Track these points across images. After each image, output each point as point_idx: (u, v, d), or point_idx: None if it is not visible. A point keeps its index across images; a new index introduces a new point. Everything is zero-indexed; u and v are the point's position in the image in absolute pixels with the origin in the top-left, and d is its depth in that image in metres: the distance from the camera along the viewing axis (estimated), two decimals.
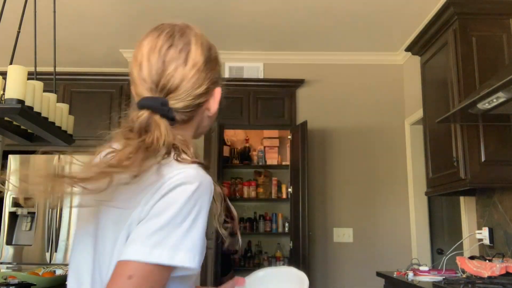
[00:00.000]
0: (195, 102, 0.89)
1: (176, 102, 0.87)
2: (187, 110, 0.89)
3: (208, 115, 0.95)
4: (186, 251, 0.77)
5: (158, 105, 0.85)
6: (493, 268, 2.28)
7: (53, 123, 2.47)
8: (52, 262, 3.80)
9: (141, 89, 0.88)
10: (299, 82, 4.42)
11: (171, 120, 0.86)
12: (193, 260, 0.78)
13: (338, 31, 3.97)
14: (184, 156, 0.85)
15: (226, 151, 4.92)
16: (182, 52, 0.88)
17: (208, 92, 0.91)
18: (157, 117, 0.85)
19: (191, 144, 0.88)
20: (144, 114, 0.85)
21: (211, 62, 0.92)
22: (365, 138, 4.36)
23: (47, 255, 3.84)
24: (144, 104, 0.86)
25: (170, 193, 0.79)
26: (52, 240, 3.85)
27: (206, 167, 0.86)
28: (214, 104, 0.94)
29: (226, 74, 4.47)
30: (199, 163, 0.85)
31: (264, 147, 5.06)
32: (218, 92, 0.94)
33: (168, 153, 0.84)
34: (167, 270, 0.77)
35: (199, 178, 0.81)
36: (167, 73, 0.86)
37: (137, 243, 0.76)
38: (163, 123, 0.84)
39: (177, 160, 0.84)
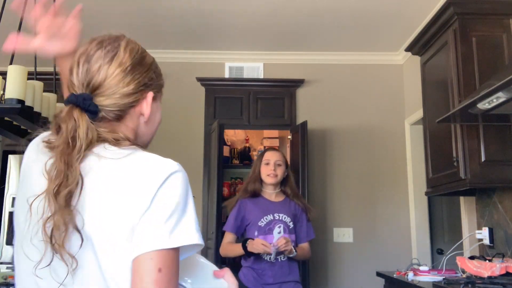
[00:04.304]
0: (123, 101, 0.90)
1: (103, 99, 0.89)
2: (115, 108, 0.90)
3: (144, 121, 0.96)
4: (197, 231, 0.83)
5: (80, 100, 0.88)
6: (493, 268, 2.28)
7: None
8: None
9: (70, 92, 0.92)
10: (299, 82, 4.41)
11: (93, 113, 0.88)
12: (202, 239, 0.84)
13: (338, 31, 3.97)
14: (120, 142, 0.88)
15: (226, 151, 4.92)
16: (109, 53, 0.91)
17: (137, 93, 0.92)
18: (76, 111, 0.87)
19: (122, 135, 0.90)
20: (65, 109, 0.89)
21: (142, 66, 0.94)
22: (365, 138, 4.35)
23: None
24: (68, 100, 0.89)
25: (167, 182, 0.82)
26: None
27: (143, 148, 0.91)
28: (147, 108, 0.94)
29: (226, 74, 4.48)
30: (138, 145, 0.90)
31: (264, 147, 5.06)
32: (150, 96, 0.95)
33: (101, 142, 0.87)
34: (178, 255, 0.80)
35: (176, 163, 0.86)
36: (92, 71, 0.90)
37: (152, 233, 0.78)
38: (82, 117, 0.87)
39: (115, 145, 0.87)
